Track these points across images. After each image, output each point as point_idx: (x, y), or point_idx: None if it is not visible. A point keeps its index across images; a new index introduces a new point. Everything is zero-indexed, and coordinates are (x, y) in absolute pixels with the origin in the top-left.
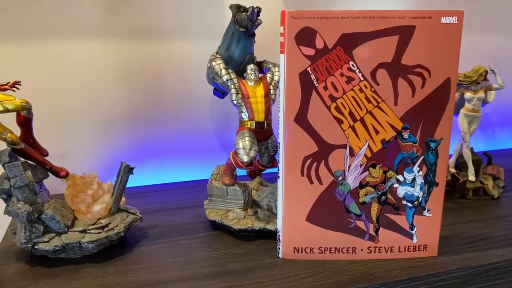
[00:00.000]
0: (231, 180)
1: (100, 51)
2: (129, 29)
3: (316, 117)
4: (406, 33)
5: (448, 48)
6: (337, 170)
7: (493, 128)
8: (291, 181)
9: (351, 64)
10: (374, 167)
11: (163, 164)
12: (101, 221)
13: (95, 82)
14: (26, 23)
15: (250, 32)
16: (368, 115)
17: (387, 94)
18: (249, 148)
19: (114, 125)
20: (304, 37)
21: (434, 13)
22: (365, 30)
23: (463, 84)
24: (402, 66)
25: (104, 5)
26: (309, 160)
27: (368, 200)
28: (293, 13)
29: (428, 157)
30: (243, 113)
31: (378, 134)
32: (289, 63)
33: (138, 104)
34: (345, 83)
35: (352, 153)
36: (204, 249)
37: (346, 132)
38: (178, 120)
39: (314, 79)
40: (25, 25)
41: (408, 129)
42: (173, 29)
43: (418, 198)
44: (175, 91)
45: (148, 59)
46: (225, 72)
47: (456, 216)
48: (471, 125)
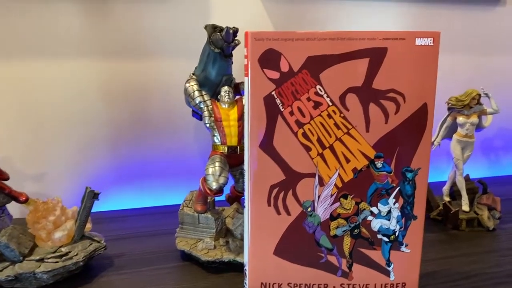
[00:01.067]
0: (204, 207)
1: (82, 69)
2: (111, 46)
3: (282, 144)
4: (377, 56)
5: (424, 72)
6: (306, 201)
7: (496, 153)
8: (257, 211)
9: (318, 88)
10: (345, 198)
11: (145, 186)
12: (62, 249)
13: (77, 101)
14: (7, 40)
15: (226, 53)
16: (338, 142)
17: (358, 120)
18: (219, 175)
19: (96, 145)
20: (268, 59)
21: (407, 35)
22: (332, 53)
23: (455, 108)
24: (374, 90)
25: (86, 22)
26: (276, 189)
27: (340, 233)
28: (256, 35)
29: (405, 188)
30: (215, 137)
31: (349, 163)
32: (253, 87)
33: (121, 123)
34: (313, 108)
35: (321, 183)
36: (167, 282)
37: (314, 160)
38: (162, 140)
39: (280, 103)
40: (5, 42)
41: (382, 158)
42: (157, 46)
43: (395, 232)
44: (158, 110)
45: (131, 77)
46: (198, 94)
47: (446, 249)
48: (464, 151)
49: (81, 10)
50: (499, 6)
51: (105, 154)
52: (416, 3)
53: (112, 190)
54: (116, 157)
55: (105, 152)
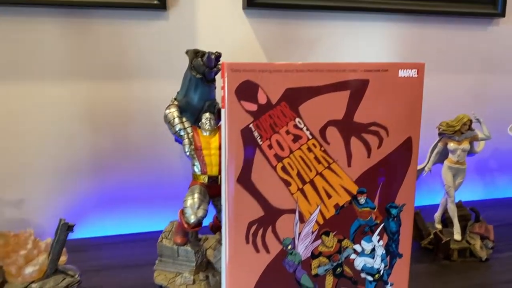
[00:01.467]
0: (183, 240)
1: (63, 92)
2: (93, 69)
3: (261, 178)
4: (359, 88)
5: (408, 105)
6: (285, 238)
7: (492, 174)
8: (235, 249)
9: (298, 121)
10: (327, 235)
11: (127, 212)
12: (32, 286)
13: (57, 125)
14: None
15: (208, 78)
16: (319, 177)
17: (339, 154)
18: (197, 207)
19: (76, 170)
20: (246, 91)
21: (390, 66)
22: (311, 85)
23: (446, 133)
24: (355, 124)
25: (67, 44)
26: (255, 225)
27: (322, 272)
28: (232, 66)
29: (389, 225)
30: (195, 166)
31: (331, 198)
32: (230, 119)
33: (104, 149)
34: (292, 141)
35: (302, 219)
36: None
37: (294, 196)
38: (146, 166)
39: (258, 136)
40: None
41: (365, 193)
42: (141, 68)
43: (379, 270)
44: (141, 134)
45: (113, 100)
46: (178, 121)
47: (435, 282)
48: (456, 178)
49: (63, 31)
50: (492, 25)
51: (86, 179)
52: (407, 23)
53: (93, 216)
54: (98, 182)
55: (86, 177)
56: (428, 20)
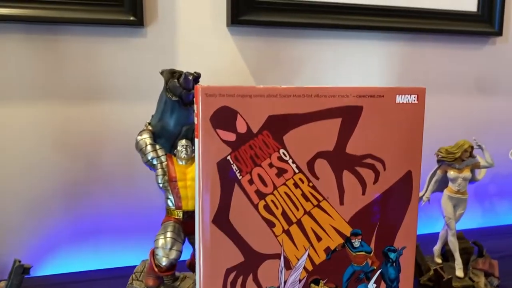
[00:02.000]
0: (156, 282)
1: (31, 115)
2: (65, 90)
3: (240, 218)
4: (351, 115)
5: (407, 134)
6: (269, 287)
7: (491, 200)
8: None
9: (282, 153)
10: (317, 284)
11: (102, 245)
12: None
13: (26, 151)
14: None
15: (186, 101)
16: (307, 217)
17: (330, 190)
18: (170, 248)
19: (47, 199)
20: (222, 118)
21: (386, 91)
22: (298, 112)
23: (446, 161)
24: (348, 156)
25: (36, 64)
26: (234, 273)
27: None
28: (207, 90)
29: (387, 271)
30: (169, 200)
31: (321, 241)
32: (205, 150)
33: (76, 174)
34: (276, 176)
35: (288, 265)
36: None
37: (279, 238)
38: (122, 195)
39: (237, 170)
40: None
41: (359, 235)
42: (115, 91)
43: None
44: (115, 161)
45: (86, 125)
46: (151, 148)
47: None
48: (456, 209)
49: (30, 49)
50: (488, 44)
51: (58, 209)
52: (400, 41)
53: (66, 250)
54: (70, 212)
55: (58, 207)
56: (422, 39)
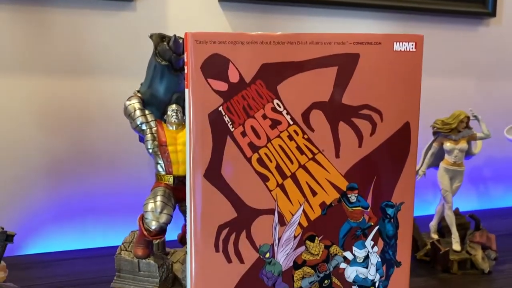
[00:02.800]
0: (145, 252)
1: (15, 91)
2: (49, 63)
3: (233, 172)
4: (348, 64)
5: (405, 84)
6: (263, 245)
7: (486, 184)
8: (203, 258)
9: (276, 103)
10: (312, 241)
11: (88, 224)
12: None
13: (9, 126)
14: None
15: (176, 66)
16: (302, 171)
17: (326, 143)
18: (160, 211)
19: (31, 178)
20: (213, 67)
21: (384, 38)
22: (293, 60)
23: (442, 132)
24: (344, 106)
25: (20, 36)
26: (226, 230)
27: (306, 286)
28: (197, 36)
29: (385, 228)
30: (159, 165)
31: (316, 196)
32: (196, 101)
33: (59, 153)
34: (270, 127)
35: (282, 221)
36: None
37: (273, 193)
38: (109, 172)
39: (229, 121)
40: None
41: (356, 190)
42: (102, 64)
43: (374, 282)
44: (102, 138)
45: (71, 100)
46: (140, 113)
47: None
48: (453, 182)
49: (14, 20)
50: (482, 26)
51: (43, 188)
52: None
53: (46, 229)
54: (55, 192)
55: (43, 186)
56: (415, 19)
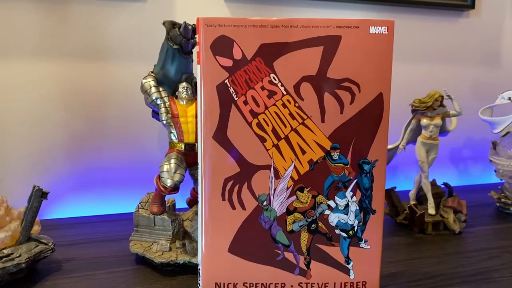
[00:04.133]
0: (160, 209)
1: (39, 74)
2: (70, 48)
3: (236, 134)
4: (331, 44)
5: (379, 61)
6: (261, 194)
7: (465, 163)
8: (211, 206)
9: (272, 77)
10: (301, 191)
11: (105, 193)
12: (3, 251)
13: (33, 106)
14: None
15: (185, 50)
16: (293, 133)
17: (313, 110)
18: (174, 171)
19: (53, 151)
20: (221, 46)
21: (361, 23)
22: (286, 40)
23: (419, 110)
24: (328, 79)
25: (43, 25)
26: (231, 182)
27: (297, 228)
28: (207, 20)
29: (362, 181)
30: (172, 134)
31: (305, 154)
32: (206, 75)
33: (79, 130)
34: (267, 97)
35: (277, 175)
36: (117, 285)
37: (270, 152)
38: (122, 147)
39: (233, 92)
40: None
41: (338, 149)
42: (118, 49)
43: (353, 227)
44: (117, 115)
45: (89, 81)
46: (155, 90)
47: (412, 252)
48: (429, 154)
49: (38, 10)
50: (462, 17)
51: (63, 160)
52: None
53: (70, 197)
54: (74, 163)
55: (63, 158)
56: (399, 11)
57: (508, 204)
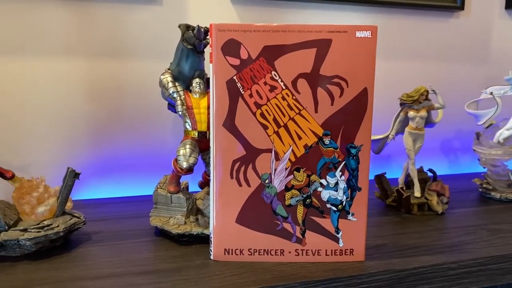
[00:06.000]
0: (176, 188)
1: (66, 68)
2: (93, 46)
3: (243, 123)
4: (324, 46)
5: (364, 60)
6: (264, 173)
7: (455, 154)
8: (221, 183)
9: (273, 74)
10: (298, 171)
11: (124, 178)
12: (44, 222)
13: (60, 98)
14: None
15: (198, 49)
16: (291, 122)
17: (308, 102)
18: (189, 155)
19: (79, 138)
20: (230, 48)
21: (349, 28)
22: (285, 43)
23: (406, 103)
24: (321, 76)
25: (70, 24)
26: (238, 163)
27: (294, 203)
28: (219, 26)
29: (350, 163)
30: (187, 123)
31: (301, 140)
32: (217, 72)
33: (101, 120)
34: (269, 91)
35: (277, 157)
36: (140, 252)
37: (271, 137)
38: (140, 135)
39: (240, 87)
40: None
41: (329, 136)
42: (137, 48)
43: (342, 202)
44: (136, 107)
45: (111, 76)
46: (172, 85)
47: (397, 229)
48: (415, 143)
49: (65, 13)
50: (453, 18)
51: (87, 147)
52: (373, 14)
53: (93, 181)
54: (97, 150)
55: (87, 145)
56: (392, 12)
57: (489, 189)
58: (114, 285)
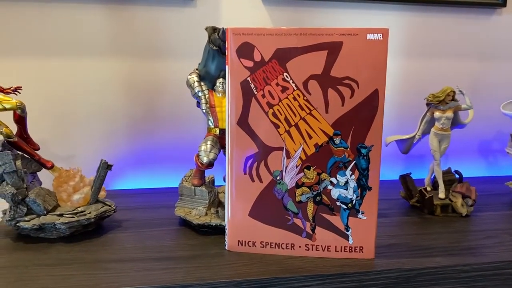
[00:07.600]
0: (200, 182)
1: (107, 67)
2: (130, 48)
3: (256, 122)
4: (334, 48)
5: (375, 62)
6: (275, 170)
7: (495, 155)
8: (236, 178)
9: (285, 75)
10: (308, 169)
11: (157, 170)
12: (78, 209)
13: (101, 94)
14: (45, 41)
15: (223, 50)
16: (302, 121)
17: (319, 102)
18: (209, 151)
19: (116, 133)
20: (244, 50)
21: (360, 31)
22: (297, 46)
23: (432, 103)
24: (332, 78)
25: (111, 25)
26: (251, 160)
27: (304, 200)
28: (234, 30)
29: (360, 162)
30: (209, 121)
31: (312, 139)
32: (232, 73)
33: (138, 115)
34: (281, 92)
35: (288, 155)
36: (163, 239)
37: (282, 136)
38: (172, 130)
39: (254, 87)
40: (44, 42)
41: (339, 135)
42: (172, 49)
43: (352, 200)
44: (169, 104)
45: (146, 75)
46: (197, 84)
47: (415, 229)
48: (441, 144)
49: (107, 16)
50: (494, 15)
51: (124, 141)
52: (412, 12)
53: (128, 172)
54: (133, 144)
55: (124, 139)
56: (432, 10)
57: None
58: (132, 268)
